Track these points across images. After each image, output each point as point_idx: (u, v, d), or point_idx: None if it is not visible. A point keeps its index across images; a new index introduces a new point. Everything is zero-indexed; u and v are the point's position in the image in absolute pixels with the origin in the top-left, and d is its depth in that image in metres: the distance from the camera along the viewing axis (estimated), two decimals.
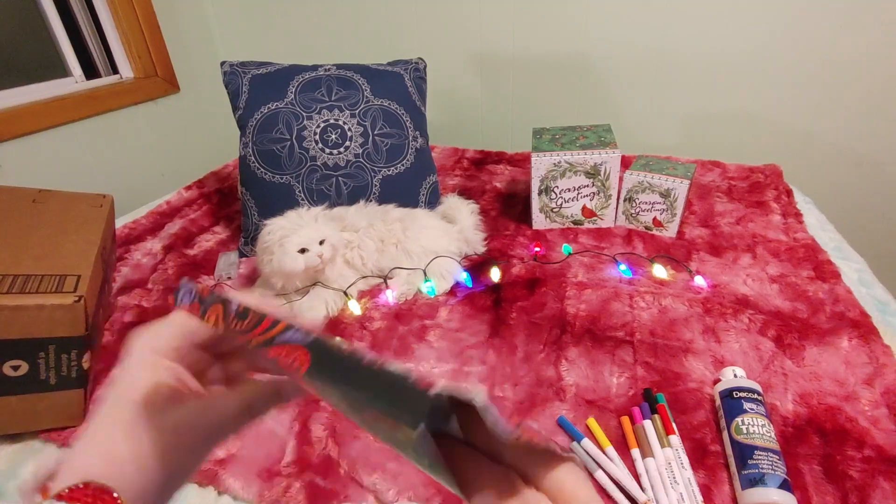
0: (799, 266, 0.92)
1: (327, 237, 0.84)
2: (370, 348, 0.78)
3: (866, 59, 1.28)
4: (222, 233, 1.16)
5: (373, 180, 1.04)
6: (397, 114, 1.08)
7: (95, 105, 1.47)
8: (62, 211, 0.82)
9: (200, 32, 1.81)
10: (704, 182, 1.27)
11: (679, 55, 1.41)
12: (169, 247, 1.08)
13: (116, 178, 1.53)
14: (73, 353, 0.63)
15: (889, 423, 0.61)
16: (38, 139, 1.34)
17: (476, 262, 1.00)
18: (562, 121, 1.38)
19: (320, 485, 0.58)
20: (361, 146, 1.03)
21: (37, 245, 0.71)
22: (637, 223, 1.09)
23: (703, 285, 0.88)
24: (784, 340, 0.74)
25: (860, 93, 1.32)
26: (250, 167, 1.04)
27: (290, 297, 0.87)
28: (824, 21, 1.27)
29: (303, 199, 1.02)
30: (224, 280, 0.97)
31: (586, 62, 1.51)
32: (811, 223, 1.07)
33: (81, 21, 1.50)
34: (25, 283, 0.62)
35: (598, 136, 1.10)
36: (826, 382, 0.68)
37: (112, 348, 0.79)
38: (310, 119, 1.02)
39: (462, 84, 1.67)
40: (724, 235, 1.04)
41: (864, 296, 0.84)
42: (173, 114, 1.72)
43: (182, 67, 1.71)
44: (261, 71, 1.09)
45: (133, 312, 0.87)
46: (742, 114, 1.44)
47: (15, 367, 0.60)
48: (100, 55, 1.56)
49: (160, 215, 1.20)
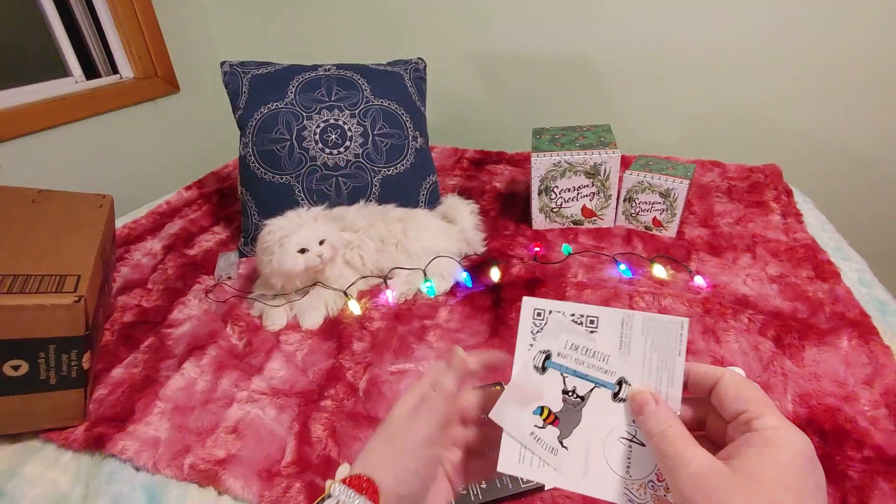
0: (799, 266, 0.92)
1: (327, 237, 0.84)
2: (370, 348, 0.79)
3: (866, 59, 1.28)
4: (222, 233, 1.16)
5: (373, 180, 1.04)
6: (397, 114, 1.08)
7: (95, 105, 1.47)
8: (62, 211, 0.82)
9: (200, 32, 1.81)
10: (704, 182, 1.27)
11: (679, 55, 1.41)
12: (169, 247, 1.08)
13: (116, 178, 1.53)
14: (74, 353, 0.63)
15: (888, 424, 0.61)
16: (38, 139, 1.34)
17: (476, 262, 1.00)
18: (562, 121, 1.38)
19: (320, 485, 0.58)
20: (361, 146, 1.03)
21: (37, 245, 0.71)
22: (637, 223, 1.09)
23: (703, 285, 0.88)
24: (784, 340, 0.74)
25: (860, 92, 1.32)
26: (250, 167, 1.04)
27: (290, 297, 0.87)
28: (824, 21, 1.27)
29: (303, 199, 1.02)
30: (224, 280, 0.97)
31: (586, 62, 1.51)
32: (811, 223, 1.07)
33: (81, 21, 1.50)
34: (25, 283, 0.62)
35: (598, 136, 1.10)
36: (826, 383, 0.68)
37: (112, 348, 0.79)
38: (310, 119, 1.02)
39: (462, 84, 1.67)
40: (724, 235, 1.04)
41: (863, 296, 0.84)
42: (173, 114, 1.72)
43: (182, 67, 1.71)
44: (261, 71, 1.09)
45: (133, 312, 0.88)
46: (742, 114, 1.44)
47: (15, 367, 0.60)
48: (100, 55, 1.56)
49: (160, 215, 1.20)
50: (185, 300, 0.91)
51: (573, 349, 0.32)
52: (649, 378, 0.30)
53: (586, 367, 0.32)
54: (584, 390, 0.32)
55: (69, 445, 0.64)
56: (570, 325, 0.32)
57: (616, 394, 0.31)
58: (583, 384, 0.32)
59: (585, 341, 0.32)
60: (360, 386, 0.72)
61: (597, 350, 0.32)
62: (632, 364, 0.31)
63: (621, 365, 0.31)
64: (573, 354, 0.32)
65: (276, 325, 0.83)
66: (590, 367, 0.32)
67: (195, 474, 0.59)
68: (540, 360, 0.33)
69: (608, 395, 0.31)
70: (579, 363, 0.32)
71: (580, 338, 0.32)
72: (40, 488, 0.59)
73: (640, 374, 0.31)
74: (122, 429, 0.65)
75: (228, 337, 0.82)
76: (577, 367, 0.32)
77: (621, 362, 0.31)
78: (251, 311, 0.88)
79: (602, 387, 0.31)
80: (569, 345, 0.32)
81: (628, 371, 0.31)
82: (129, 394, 0.71)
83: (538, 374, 0.33)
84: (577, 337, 0.32)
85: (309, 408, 0.68)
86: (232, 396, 0.70)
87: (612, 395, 0.31)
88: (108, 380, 0.73)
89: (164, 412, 0.68)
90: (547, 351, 0.33)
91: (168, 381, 0.72)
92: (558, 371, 0.32)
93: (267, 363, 0.76)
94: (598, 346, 0.32)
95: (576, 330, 0.32)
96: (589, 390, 0.32)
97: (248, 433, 0.64)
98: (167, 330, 0.84)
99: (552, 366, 0.33)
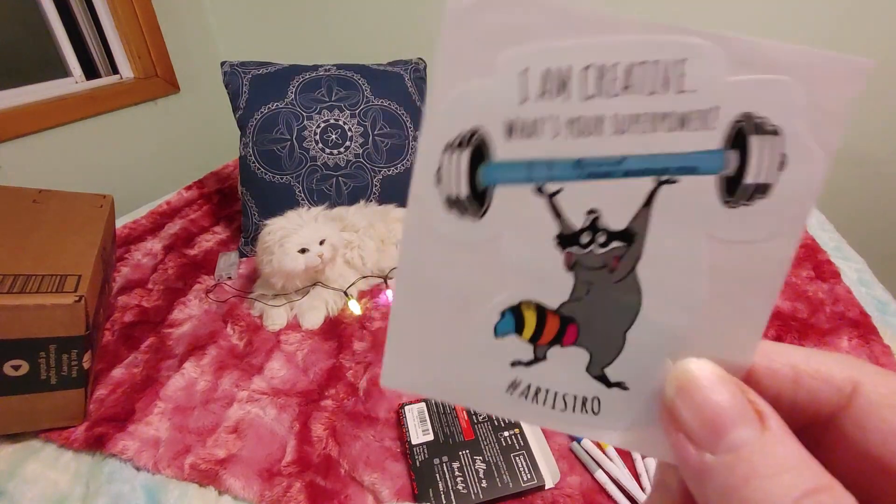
0: (799, 266, 0.92)
1: (327, 237, 0.84)
2: (370, 348, 0.79)
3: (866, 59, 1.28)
4: (222, 233, 1.15)
5: (373, 180, 1.04)
6: (397, 114, 1.08)
7: (95, 105, 1.47)
8: (62, 211, 0.82)
9: (200, 32, 1.81)
10: None
11: None
12: (169, 247, 1.08)
13: (116, 178, 1.53)
14: (74, 352, 0.63)
15: None
16: (38, 139, 1.34)
17: None
18: None
19: (321, 485, 0.58)
20: (361, 146, 1.03)
21: (37, 245, 0.71)
22: None
23: None
24: (784, 340, 0.75)
25: (860, 93, 1.32)
26: (250, 167, 1.04)
27: (290, 297, 0.87)
28: (824, 21, 1.27)
29: (303, 199, 1.02)
30: (224, 280, 0.97)
31: None
32: (811, 223, 1.07)
33: (81, 21, 1.50)
34: (26, 283, 0.62)
35: None
36: None
37: (112, 348, 0.79)
38: (310, 119, 1.02)
39: None
40: None
41: (863, 296, 0.84)
42: (173, 114, 1.72)
43: (182, 67, 1.71)
44: (261, 71, 1.09)
45: (133, 312, 0.87)
46: None
47: (16, 367, 0.60)
48: (100, 55, 1.56)
49: (160, 215, 1.20)
50: (186, 300, 0.91)
51: (573, 89, 0.12)
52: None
53: (619, 133, 0.12)
54: (626, 210, 0.12)
55: (69, 445, 0.64)
56: (561, 16, 0.11)
57: (735, 178, 0.12)
58: (617, 193, 0.12)
59: (617, 51, 0.12)
60: (361, 386, 0.72)
61: (660, 67, 0.12)
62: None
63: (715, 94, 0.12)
64: (571, 110, 0.12)
65: (277, 325, 0.83)
66: (635, 133, 0.12)
67: (195, 474, 0.59)
68: (460, 167, 0.13)
69: (706, 189, 0.12)
70: (595, 133, 0.12)
71: (598, 46, 0.12)
72: (40, 488, 0.59)
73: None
74: (122, 429, 0.65)
75: (229, 337, 0.82)
76: (591, 152, 0.12)
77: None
78: (251, 311, 0.88)
79: (682, 172, 0.12)
80: (556, 79, 0.12)
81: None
82: (129, 394, 0.71)
83: (467, 217, 0.13)
84: (583, 45, 0.12)
85: (309, 408, 0.68)
86: (232, 396, 0.70)
87: (717, 184, 0.12)
88: (108, 380, 0.73)
89: (165, 412, 0.68)
90: (474, 131, 0.12)
91: (168, 381, 0.72)
92: (526, 182, 0.13)
93: (267, 363, 0.76)
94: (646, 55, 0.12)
95: (580, 21, 0.12)
96: (640, 205, 0.12)
97: (249, 433, 0.64)
98: (167, 330, 0.84)
99: (499, 176, 0.13)
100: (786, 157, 0.11)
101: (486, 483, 0.56)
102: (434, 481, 0.57)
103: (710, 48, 0.12)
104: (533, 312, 0.13)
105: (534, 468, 0.58)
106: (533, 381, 0.14)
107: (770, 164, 0.12)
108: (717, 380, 0.12)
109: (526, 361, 0.14)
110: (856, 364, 0.12)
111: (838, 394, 0.12)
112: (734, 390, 0.12)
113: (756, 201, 0.12)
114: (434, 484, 0.56)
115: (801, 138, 0.11)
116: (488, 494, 0.55)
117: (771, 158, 0.12)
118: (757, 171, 0.12)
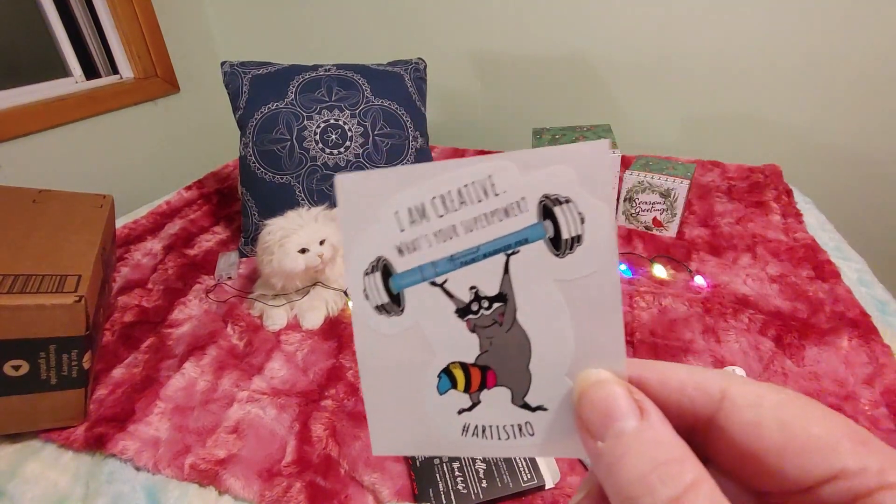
0: (799, 266, 0.92)
1: (327, 237, 0.84)
2: None
3: (866, 59, 1.28)
4: (222, 233, 1.16)
5: None
6: (397, 114, 1.08)
7: (95, 105, 1.47)
8: (62, 211, 0.82)
9: (200, 32, 1.81)
10: (704, 182, 1.27)
11: (679, 55, 1.41)
12: (169, 247, 1.08)
13: (116, 178, 1.53)
14: (74, 353, 0.63)
15: (889, 423, 0.61)
16: (38, 139, 1.34)
17: None
18: (562, 121, 1.38)
19: (321, 485, 0.58)
20: (362, 146, 1.03)
21: (37, 245, 0.71)
22: (637, 223, 1.09)
23: (703, 285, 0.88)
24: (784, 340, 0.75)
25: (860, 93, 1.32)
26: (250, 167, 1.04)
27: (290, 297, 0.87)
28: (824, 21, 1.27)
29: (303, 199, 1.02)
30: (224, 280, 0.97)
31: (586, 62, 1.51)
32: (811, 223, 1.07)
33: (81, 21, 1.50)
34: (26, 283, 0.62)
35: (598, 136, 1.10)
36: (826, 382, 0.68)
37: (112, 348, 0.79)
38: (310, 119, 1.02)
39: (462, 84, 1.67)
40: (724, 235, 1.04)
41: (863, 296, 0.84)
42: (173, 114, 1.72)
43: (182, 67, 1.71)
44: (261, 71, 1.09)
45: (133, 312, 0.87)
46: (742, 114, 1.44)
47: (16, 367, 0.60)
48: (100, 55, 1.56)
49: (160, 215, 1.20)
50: (186, 300, 0.91)
51: (430, 214, 0.17)
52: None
53: (469, 232, 0.17)
54: (493, 279, 0.17)
55: (69, 445, 0.64)
56: (406, 174, 0.17)
57: (555, 238, 0.16)
58: (484, 270, 0.17)
59: (448, 183, 0.17)
60: (361, 386, 0.71)
61: (478, 185, 0.17)
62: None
63: (524, 186, 0.16)
64: (433, 227, 0.17)
65: (277, 325, 0.83)
66: (480, 229, 0.17)
67: (195, 474, 0.59)
68: (377, 284, 0.17)
69: (540, 251, 0.17)
70: (454, 236, 0.17)
71: (436, 184, 0.17)
72: (40, 488, 0.59)
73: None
74: (122, 429, 0.65)
75: (229, 337, 0.82)
76: (457, 249, 0.17)
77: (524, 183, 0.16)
78: (251, 311, 0.88)
79: (520, 244, 0.17)
80: (417, 212, 0.17)
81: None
82: (129, 394, 0.71)
83: (393, 315, 0.18)
84: (427, 186, 0.17)
85: (309, 407, 0.68)
86: (232, 396, 0.70)
87: (546, 246, 0.16)
88: (108, 380, 0.73)
89: (165, 412, 0.68)
90: (378, 259, 0.17)
91: (168, 381, 0.72)
92: (422, 281, 0.17)
93: (267, 363, 0.76)
94: (475, 175, 0.16)
95: (419, 174, 0.17)
96: (502, 273, 0.17)
97: (249, 433, 0.64)
98: (167, 330, 0.84)
99: (404, 282, 0.17)
100: (582, 214, 0.16)
101: (486, 483, 0.56)
102: (434, 481, 0.57)
103: (504, 163, 0.16)
104: (460, 369, 0.18)
105: (534, 468, 0.58)
106: (478, 422, 0.18)
107: (574, 221, 0.16)
108: (608, 382, 0.15)
109: (468, 407, 0.18)
110: (726, 376, 0.15)
111: (712, 400, 0.15)
112: (621, 390, 0.15)
113: (576, 248, 0.16)
114: (434, 484, 0.56)
115: (586, 199, 0.16)
116: (488, 494, 0.55)
117: (573, 218, 0.16)
118: (568, 229, 0.16)
